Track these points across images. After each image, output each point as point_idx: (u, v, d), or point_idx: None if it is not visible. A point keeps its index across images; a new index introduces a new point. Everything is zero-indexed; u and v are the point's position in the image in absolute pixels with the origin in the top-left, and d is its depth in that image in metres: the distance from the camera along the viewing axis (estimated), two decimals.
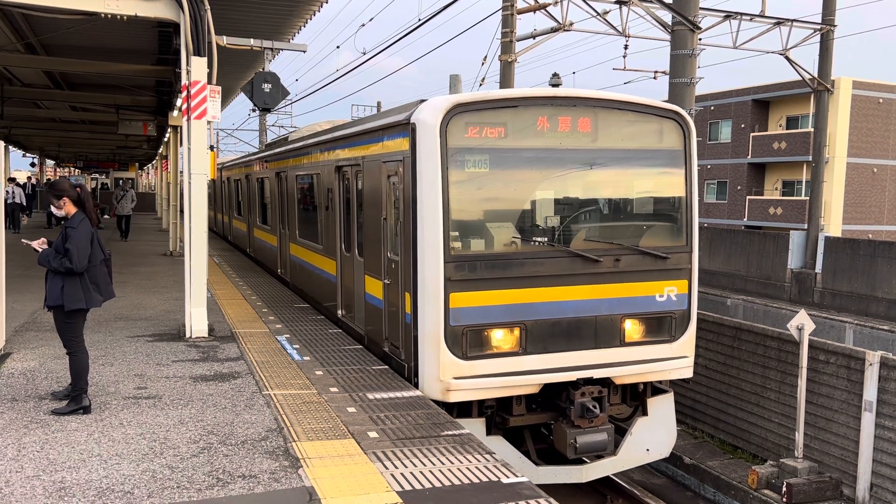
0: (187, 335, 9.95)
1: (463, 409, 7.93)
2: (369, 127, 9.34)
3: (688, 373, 8.79)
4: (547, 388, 8.11)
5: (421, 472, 5.49)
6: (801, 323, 10.09)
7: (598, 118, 8.26)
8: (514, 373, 7.88)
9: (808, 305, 20.45)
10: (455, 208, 7.70)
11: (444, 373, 7.65)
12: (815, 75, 21.34)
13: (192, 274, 10.00)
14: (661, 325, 8.60)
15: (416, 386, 7.86)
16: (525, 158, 8.02)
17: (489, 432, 8.07)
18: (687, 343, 8.73)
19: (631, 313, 8.39)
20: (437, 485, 5.28)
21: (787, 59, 20.64)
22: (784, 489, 9.85)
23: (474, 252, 7.81)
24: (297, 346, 9.49)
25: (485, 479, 5.41)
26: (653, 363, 8.50)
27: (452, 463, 5.70)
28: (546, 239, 8.14)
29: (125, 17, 9.72)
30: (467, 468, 5.61)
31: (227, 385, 7.73)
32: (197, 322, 9.98)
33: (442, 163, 7.55)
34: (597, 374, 8.23)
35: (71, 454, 5.75)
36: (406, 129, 7.97)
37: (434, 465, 5.65)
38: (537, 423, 8.66)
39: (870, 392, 10.05)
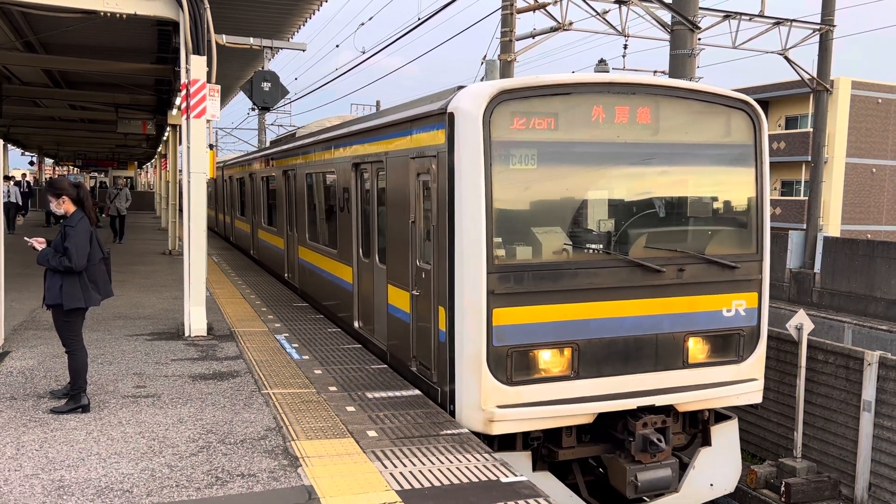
0: (186, 334, 9.95)
1: (505, 441, 6.98)
2: (395, 119, 8.37)
3: (757, 397, 7.85)
4: (601, 416, 7.13)
5: (420, 472, 5.49)
6: (800, 323, 10.11)
7: (660, 108, 7.30)
8: (566, 400, 6.95)
9: (806, 305, 20.46)
10: (499, 211, 6.74)
11: (486, 400, 6.67)
12: (815, 75, 21.35)
13: (192, 273, 10.00)
14: (728, 344, 7.67)
15: (452, 414, 6.96)
16: (578, 154, 7.10)
17: (535, 467, 7.14)
18: (756, 364, 7.78)
19: (695, 331, 7.44)
20: (437, 484, 5.28)
21: (787, 59, 20.66)
22: (783, 489, 9.86)
23: (520, 261, 6.86)
24: (296, 345, 9.48)
25: (484, 479, 5.41)
26: (719, 387, 7.54)
27: (451, 462, 5.70)
28: (601, 246, 7.21)
29: (124, 16, 9.71)
30: (466, 467, 5.61)
31: (226, 384, 7.73)
32: (196, 321, 9.98)
33: (485, 158, 6.60)
34: (659, 400, 7.24)
35: (70, 453, 5.75)
36: (441, 119, 7.04)
37: (433, 464, 5.65)
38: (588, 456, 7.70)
39: (868, 392, 10.06)
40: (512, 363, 6.80)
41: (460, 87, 7.15)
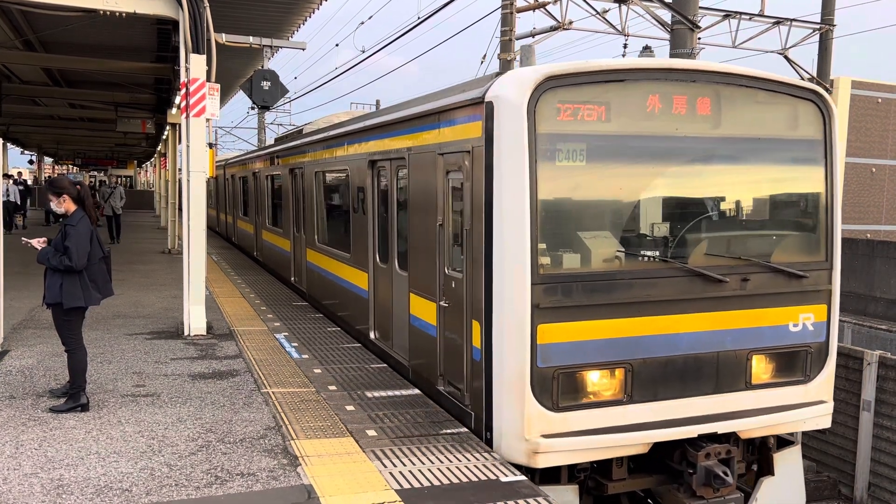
0: (186, 333, 9.95)
1: (548, 472, 6.19)
2: (420, 111, 7.58)
3: (826, 422, 7.07)
4: (656, 445, 6.36)
5: (419, 471, 5.49)
6: None
7: (721, 97, 6.56)
8: (618, 428, 6.19)
9: None
10: (544, 213, 5.99)
11: (529, 429, 5.92)
12: (814, 75, 21.35)
13: (191, 272, 10.00)
14: (794, 362, 6.91)
15: (488, 443, 6.21)
16: (631, 148, 6.32)
17: (581, 500, 6.41)
18: (825, 384, 7.00)
19: (759, 348, 6.71)
20: (436, 483, 5.28)
21: (787, 58, 20.65)
22: None
23: (568, 270, 6.09)
24: (295, 345, 9.48)
25: (483, 478, 5.40)
26: (785, 411, 6.77)
27: (451, 461, 5.69)
28: (657, 253, 6.45)
29: (124, 15, 9.71)
30: (466, 466, 5.61)
31: (226, 383, 7.73)
32: (195, 320, 9.97)
33: (529, 153, 5.84)
34: (721, 427, 6.46)
35: (69, 452, 5.75)
36: (478, 110, 6.29)
37: (433, 463, 5.65)
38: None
39: (868, 392, 10.06)
40: (558, 386, 6.05)
41: (499, 74, 6.42)
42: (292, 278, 14.31)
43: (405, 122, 8.06)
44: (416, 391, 7.56)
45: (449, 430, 6.40)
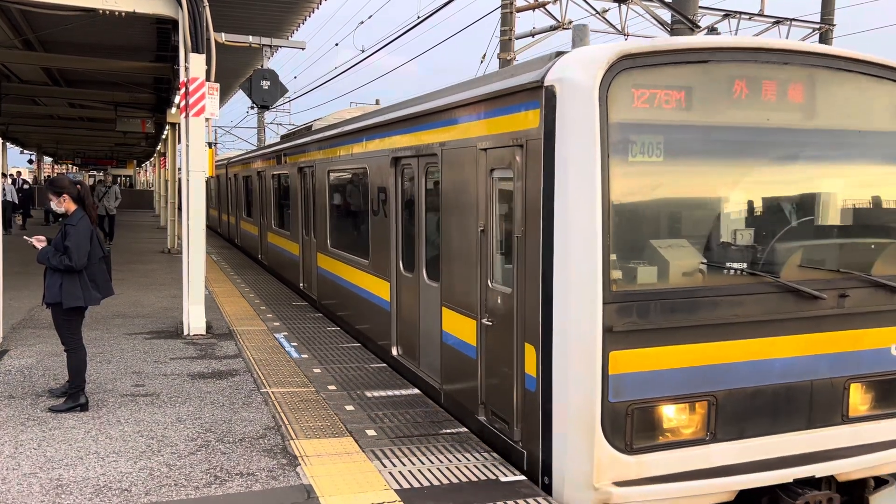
0: (185, 333, 9.94)
1: None
2: (456, 101, 6.62)
3: None
4: (742, 492, 5.41)
5: (419, 471, 5.48)
6: None
7: (816, 83, 5.57)
8: (700, 473, 5.28)
9: None
10: (617, 218, 5.04)
11: (599, 475, 5.04)
12: None
13: (191, 271, 10.00)
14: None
15: (547, 490, 5.30)
16: (715, 142, 5.41)
17: None
18: None
19: (857, 375, 5.77)
20: (436, 483, 5.27)
21: None
22: None
23: (645, 286, 5.15)
24: (295, 344, 9.48)
25: (483, 478, 5.40)
26: (888, 449, 5.82)
27: (451, 461, 5.69)
28: (745, 266, 5.54)
29: (123, 14, 9.71)
30: (466, 466, 5.60)
31: (225, 383, 7.72)
32: (195, 320, 9.97)
33: (602, 147, 4.92)
34: (820, 470, 5.52)
35: (68, 451, 5.74)
36: (534, 96, 5.36)
37: (433, 463, 5.64)
38: None
39: None
40: (633, 424, 5.14)
41: (560, 53, 5.42)
42: (301, 284, 13.54)
43: (437, 114, 7.13)
44: (416, 391, 7.56)
45: (448, 430, 6.40)
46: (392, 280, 8.48)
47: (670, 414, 5.28)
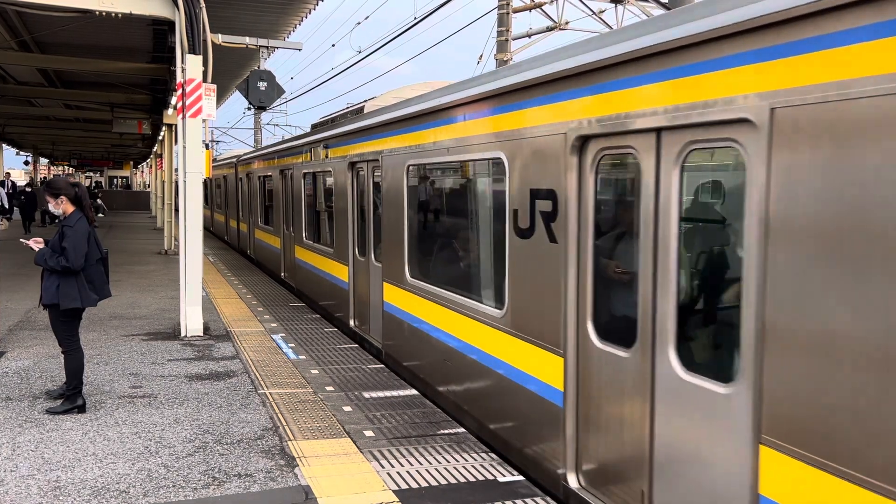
0: (182, 334, 9.94)
1: None
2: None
3: None
4: None
5: (417, 471, 5.49)
6: None
7: None
8: None
9: None
10: None
11: None
12: None
13: (188, 272, 9.99)
14: None
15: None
16: None
17: None
18: None
19: None
20: (434, 483, 5.28)
21: None
22: None
23: None
24: (292, 345, 9.48)
25: (481, 478, 5.40)
26: None
27: (448, 462, 5.70)
28: None
29: (120, 15, 9.71)
30: (463, 467, 5.61)
31: (223, 384, 7.72)
32: (192, 321, 9.97)
33: None
34: None
35: (66, 453, 5.74)
36: None
37: (430, 463, 5.65)
38: None
39: None
40: None
41: None
42: (352, 322, 10.36)
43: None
44: (414, 391, 7.55)
45: (446, 431, 6.41)
46: (567, 347, 5.13)
47: None
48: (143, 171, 71.17)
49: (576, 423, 5.10)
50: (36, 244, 6.76)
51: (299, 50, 12.54)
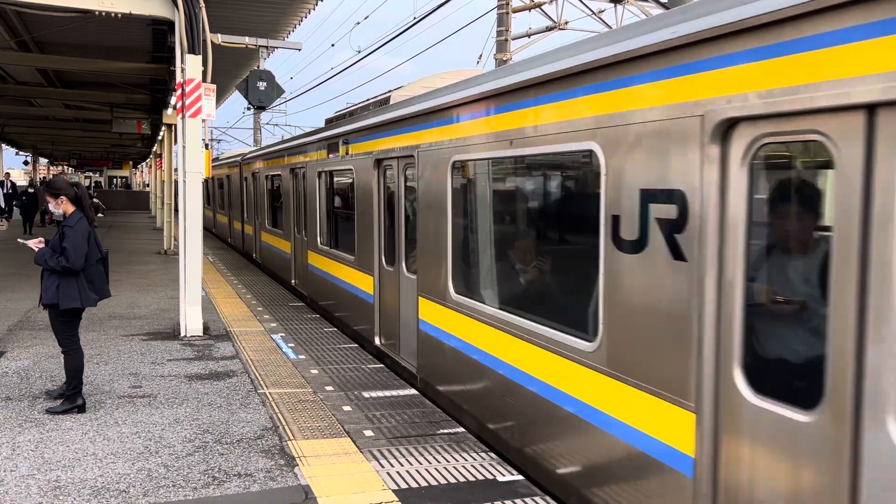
0: (182, 334, 9.94)
1: None
2: None
3: None
4: None
5: (417, 471, 5.49)
6: None
7: None
8: None
9: None
10: None
11: None
12: None
13: (187, 272, 10.00)
14: None
15: None
16: None
17: None
18: None
19: None
20: (433, 483, 5.28)
21: None
22: None
23: None
24: (292, 345, 9.48)
25: (480, 478, 5.41)
26: None
27: (448, 461, 5.70)
28: None
29: (119, 15, 9.71)
30: (463, 466, 5.61)
31: (223, 384, 7.72)
32: (192, 321, 9.97)
33: None
34: None
35: (66, 453, 5.74)
36: None
37: (430, 463, 5.66)
38: None
39: None
40: None
41: None
42: (377, 339, 9.33)
43: None
44: (413, 391, 7.55)
45: (446, 431, 6.41)
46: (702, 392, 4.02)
47: None
48: (142, 171, 71.16)
49: (713, 500, 3.77)
50: (36, 244, 6.76)
51: (299, 50, 12.54)
